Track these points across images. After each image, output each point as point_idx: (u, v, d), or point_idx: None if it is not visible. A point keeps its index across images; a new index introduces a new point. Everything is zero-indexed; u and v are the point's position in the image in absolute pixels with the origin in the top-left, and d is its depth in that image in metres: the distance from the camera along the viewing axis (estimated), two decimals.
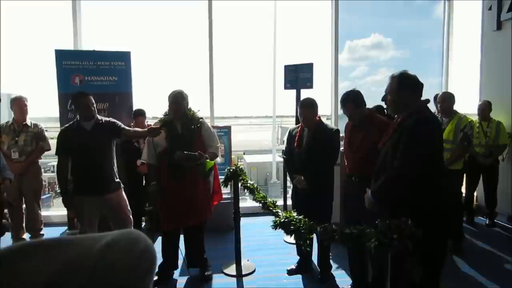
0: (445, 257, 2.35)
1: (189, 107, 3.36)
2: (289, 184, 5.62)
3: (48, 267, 0.44)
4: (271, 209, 3.06)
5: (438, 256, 2.28)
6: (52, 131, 5.57)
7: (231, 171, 3.63)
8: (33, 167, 4.27)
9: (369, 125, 2.94)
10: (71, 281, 0.44)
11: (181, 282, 3.51)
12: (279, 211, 2.90)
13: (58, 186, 4.36)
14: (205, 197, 3.40)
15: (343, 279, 3.48)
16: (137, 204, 4.12)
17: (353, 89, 3.08)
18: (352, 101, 2.98)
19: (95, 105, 3.20)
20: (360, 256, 3.05)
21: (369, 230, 1.97)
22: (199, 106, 3.46)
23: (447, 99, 4.09)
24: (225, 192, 4.31)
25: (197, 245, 3.49)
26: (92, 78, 4.62)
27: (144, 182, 4.60)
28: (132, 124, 4.44)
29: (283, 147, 3.71)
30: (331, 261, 3.61)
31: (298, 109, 3.47)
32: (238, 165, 3.75)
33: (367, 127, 2.95)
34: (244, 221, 4.08)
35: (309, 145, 3.34)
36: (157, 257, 0.53)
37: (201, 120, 3.38)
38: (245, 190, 3.64)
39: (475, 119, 4.82)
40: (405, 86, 2.31)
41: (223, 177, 3.69)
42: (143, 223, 4.83)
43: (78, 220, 3.35)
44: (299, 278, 3.56)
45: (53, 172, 8.72)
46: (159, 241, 3.49)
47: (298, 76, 4.73)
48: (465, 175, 4.40)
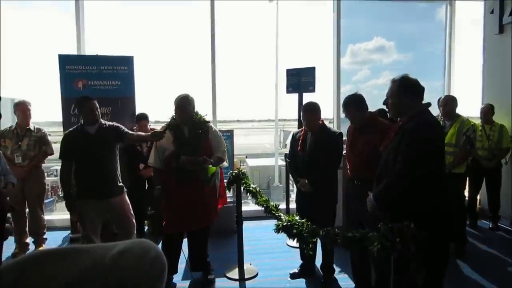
0: (448, 261, 2.34)
1: (196, 111, 3.33)
2: (291, 187, 5.63)
3: (63, 275, 0.46)
4: (274, 212, 3.05)
5: (441, 259, 2.27)
6: (55, 136, 5.60)
7: (234, 175, 3.63)
8: (36, 171, 4.27)
9: (371, 128, 2.94)
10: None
11: (181, 286, 3.49)
12: (282, 215, 2.89)
13: (61, 190, 4.37)
14: (211, 201, 3.37)
15: (346, 282, 3.48)
16: (140, 207, 4.13)
17: (355, 92, 3.09)
18: (353, 104, 3.00)
19: (99, 110, 3.22)
20: (362, 259, 3.04)
21: (371, 233, 1.97)
22: (201, 109, 3.44)
23: (449, 102, 4.08)
24: (228, 196, 4.30)
25: (201, 249, 3.48)
26: (95, 82, 4.65)
27: (146, 185, 4.61)
28: (135, 128, 4.45)
29: (286, 150, 3.72)
30: (334, 265, 3.59)
31: (300, 113, 3.48)
32: (240, 169, 3.75)
33: (369, 130, 2.95)
34: (246, 225, 4.07)
35: (312, 149, 3.34)
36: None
37: (208, 124, 3.36)
38: (248, 193, 3.63)
39: (478, 122, 4.81)
40: (406, 89, 2.32)
41: (225, 181, 3.70)
42: (146, 227, 4.84)
43: (81, 224, 3.35)
44: (302, 282, 3.55)
45: (56, 176, 8.76)
46: (160, 245, 3.49)
47: (300, 80, 4.74)
48: (468, 178, 4.38)
